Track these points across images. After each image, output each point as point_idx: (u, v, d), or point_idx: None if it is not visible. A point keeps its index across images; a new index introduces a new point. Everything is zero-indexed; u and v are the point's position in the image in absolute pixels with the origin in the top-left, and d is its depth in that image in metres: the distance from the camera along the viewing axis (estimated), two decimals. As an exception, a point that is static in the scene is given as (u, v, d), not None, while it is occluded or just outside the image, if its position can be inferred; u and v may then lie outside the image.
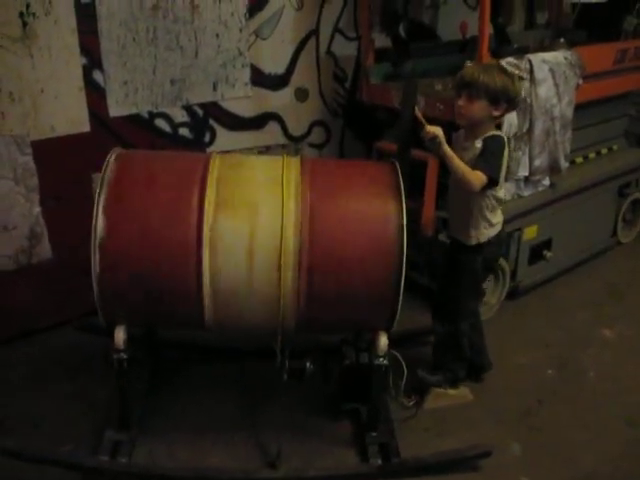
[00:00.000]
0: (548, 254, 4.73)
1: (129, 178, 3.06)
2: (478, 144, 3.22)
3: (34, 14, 3.78)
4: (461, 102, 3.20)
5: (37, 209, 4.10)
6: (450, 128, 4.13)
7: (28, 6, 3.75)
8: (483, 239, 3.39)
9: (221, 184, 3.02)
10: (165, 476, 3.17)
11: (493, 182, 3.18)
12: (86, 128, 4.13)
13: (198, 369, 3.92)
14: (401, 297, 3.02)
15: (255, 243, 2.95)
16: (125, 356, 3.08)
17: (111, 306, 3.05)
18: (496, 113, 3.22)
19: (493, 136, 3.24)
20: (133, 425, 3.32)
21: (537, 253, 4.69)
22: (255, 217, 2.98)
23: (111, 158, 3.10)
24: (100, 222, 2.92)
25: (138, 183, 3.03)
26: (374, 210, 3.07)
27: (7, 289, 4.09)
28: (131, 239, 2.95)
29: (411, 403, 3.59)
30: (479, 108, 3.17)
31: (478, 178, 3.09)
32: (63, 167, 4.07)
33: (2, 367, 3.93)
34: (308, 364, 3.34)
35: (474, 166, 3.12)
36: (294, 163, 3.18)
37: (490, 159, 3.16)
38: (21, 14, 3.74)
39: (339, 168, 3.38)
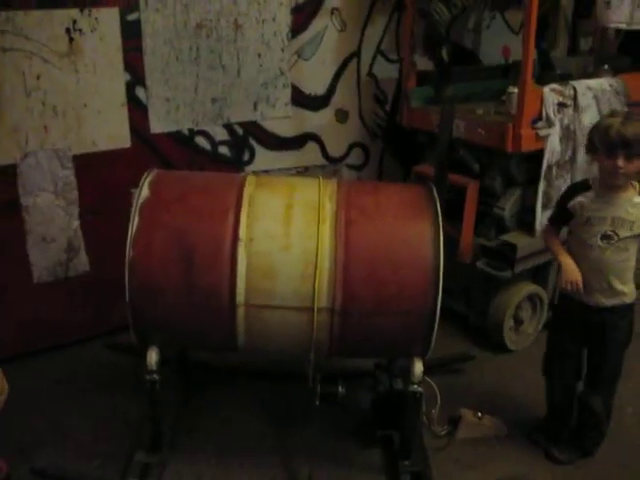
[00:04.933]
0: (587, 283, 4.62)
1: (163, 200, 3.06)
2: (638, 199, 3.08)
3: (80, 30, 3.83)
4: (621, 163, 2.93)
5: (76, 222, 4.13)
6: (490, 155, 4.12)
7: (75, 22, 3.80)
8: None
9: (255, 206, 3.01)
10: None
11: None
12: (127, 144, 4.16)
13: (229, 391, 3.89)
14: (437, 323, 2.97)
15: (289, 263, 2.93)
16: (157, 377, 3.07)
17: (144, 327, 3.04)
18: None
19: None
20: (164, 447, 3.31)
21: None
22: (288, 238, 2.95)
23: (146, 179, 3.11)
24: (133, 242, 2.93)
25: (172, 204, 3.03)
26: (410, 234, 3.03)
27: (43, 301, 4.12)
28: (164, 259, 2.94)
29: (443, 432, 3.51)
30: (638, 166, 2.98)
31: None
32: (103, 182, 4.10)
33: (36, 379, 3.95)
34: (340, 388, 3.29)
35: None
36: (330, 186, 3.16)
37: None
38: (67, 30, 3.80)
39: (375, 191, 3.34)
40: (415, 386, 3.10)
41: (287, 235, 2.95)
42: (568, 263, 3.14)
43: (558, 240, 3.31)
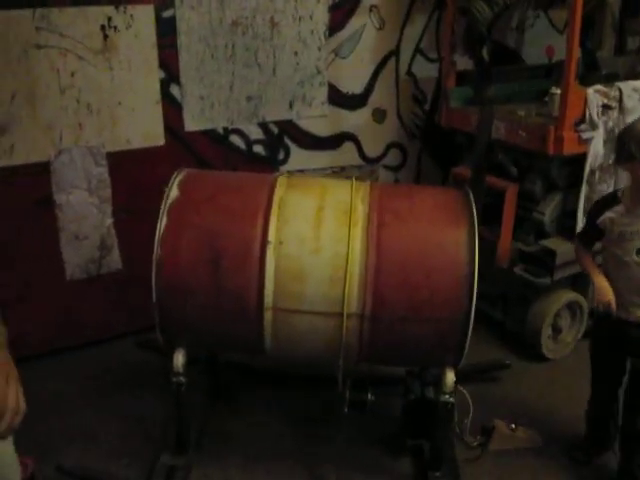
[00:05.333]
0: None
1: (192, 200, 3.01)
2: None
3: (115, 27, 3.82)
4: None
5: (109, 220, 4.13)
6: (530, 158, 4.00)
7: (110, 19, 3.79)
8: None
9: (285, 208, 2.95)
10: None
11: None
12: (161, 142, 4.14)
13: (258, 394, 3.85)
14: (470, 332, 2.87)
15: (319, 267, 2.86)
16: (184, 380, 3.03)
17: (171, 328, 3.00)
18: None
19: None
20: (190, 449, 3.27)
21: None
22: (318, 241, 2.88)
23: (176, 178, 3.07)
24: (161, 242, 2.89)
25: (201, 204, 2.98)
26: (445, 239, 2.94)
27: (76, 298, 4.13)
28: (192, 260, 2.89)
29: (476, 443, 3.41)
30: None
31: None
32: (136, 180, 4.09)
33: (67, 377, 3.96)
34: (370, 395, 3.22)
35: None
36: (363, 188, 3.09)
37: None
38: (102, 27, 3.79)
39: (409, 194, 3.25)
40: (447, 396, 3.01)
41: (317, 238, 2.88)
42: (601, 283, 2.96)
43: (590, 257, 3.12)
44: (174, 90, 4.12)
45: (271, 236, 2.86)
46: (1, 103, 3.67)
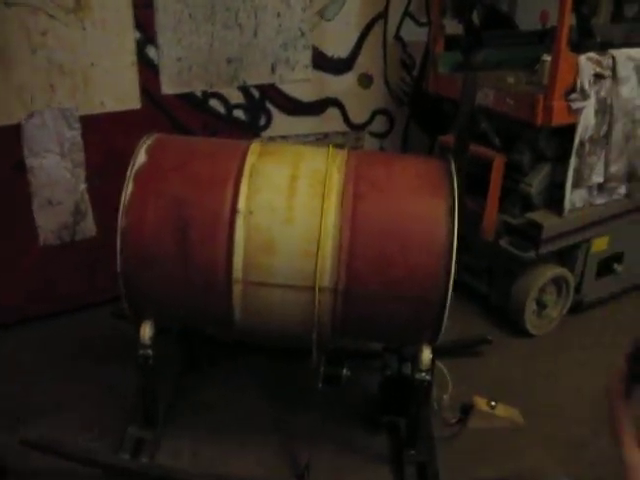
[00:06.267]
0: (618, 268, 4.36)
1: (160, 167, 2.89)
2: None
3: (82, -16, 3.65)
4: None
5: (82, 185, 4.00)
6: (519, 127, 3.86)
7: (83, -25, 3.62)
8: None
9: (257, 176, 2.82)
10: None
11: None
12: (137, 105, 3.99)
13: (232, 366, 3.75)
14: (447, 310, 2.76)
15: (290, 239, 2.75)
16: (151, 353, 2.94)
17: (137, 299, 2.90)
18: None
19: None
20: (158, 423, 3.18)
21: (606, 266, 4.34)
22: (291, 212, 2.77)
23: (144, 143, 2.95)
24: (126, 210, 2.78)
25: (169, 171, 2.86)
26: (422, 210, 2.83)
27: (49, 264, 4.02)
28: (158, 229, 2.78)
29: (454, 420, 3.33)
30: None
31: None
32: (111, 144, 3.93)
33: (39, 347, 3.87)
34: (345, 370, 3.12)
35: None
36: (340, 156, 2.95)
37: None
38: (75, -16, 3.61)
39: (388, 162, 3.12)
40: (423, 374, 2.92)
41: (290, 208, 2.76)
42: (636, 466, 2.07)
43: (629, 417, 2.18)
44: (150, 51, 3.95)
45: (241, 205, 2.74)
46: (-31, 63, 3.54)
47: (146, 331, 2.94)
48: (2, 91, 3.64)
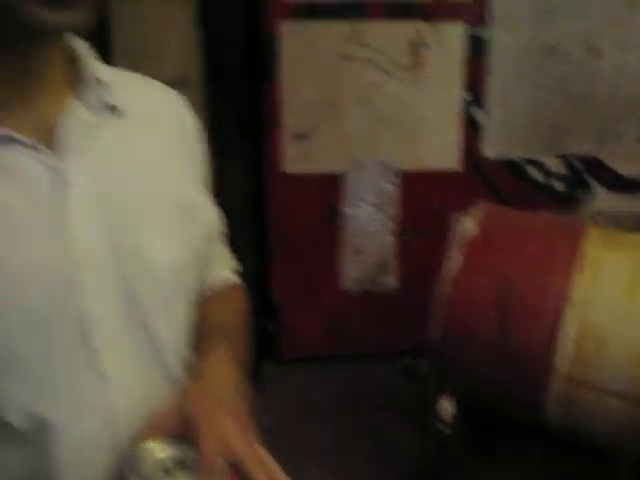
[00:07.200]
0: None
1: (491, 240, 2.81)
2: None
3: (424, 43, 3.73)
4: None
5: (391, 239, 4.05)
6: None
7: (419, 34, 3.70)
8: None
9: (594, 266, 2.64)
10: None
11: None
12: (456, 165, 3.98)
13: (515, 449, 3.51)
14: None
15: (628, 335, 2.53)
16: (449, 431, 2.85)
17: (443, 369, 2.86)
18: None
19: None
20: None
21: None
22: (633, 297, 2.55)
23: (475, 213, 2.90)
24: (450, 279, 2.74)
25: (501, 247, 2.79)
26: None
27: (348, 311, 4.13)
28: (483, 301, 2.70)
29: None
30: None
31: None
32: (425, 201, 3.96)
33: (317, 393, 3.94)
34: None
35: None
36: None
37: None
38: (411, 42, 3.72)
39: None
40: None
41: (628, 307, 2.54)
42: None
43: None
44: (475, 112, 3.92)
45: (572, 294, 2.58)
46: (305, 110, 3.75)
47: (446, 407, 2.86)
48: (329, 141, 3.83)
